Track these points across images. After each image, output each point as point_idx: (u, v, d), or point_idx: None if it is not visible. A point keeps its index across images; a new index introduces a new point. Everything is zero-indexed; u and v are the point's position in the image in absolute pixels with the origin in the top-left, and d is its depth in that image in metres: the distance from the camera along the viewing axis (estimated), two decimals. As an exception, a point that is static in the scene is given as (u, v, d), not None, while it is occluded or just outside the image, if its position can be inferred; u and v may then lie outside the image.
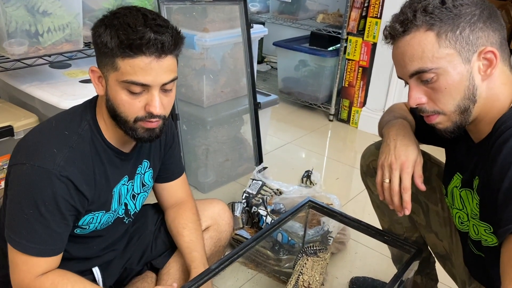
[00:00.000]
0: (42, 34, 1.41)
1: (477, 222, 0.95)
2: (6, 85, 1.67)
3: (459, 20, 0.83)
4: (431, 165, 1.19)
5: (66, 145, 0.97)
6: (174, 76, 0.97)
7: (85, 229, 1.08)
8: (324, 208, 1.37)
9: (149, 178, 1.20)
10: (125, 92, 0.93)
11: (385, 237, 1.25)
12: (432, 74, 0.86)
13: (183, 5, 1.93)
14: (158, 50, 0.90)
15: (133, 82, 0.92)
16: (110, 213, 1.11)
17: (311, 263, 1.33)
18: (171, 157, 1.27)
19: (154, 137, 1.01)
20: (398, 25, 0.87)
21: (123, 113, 0.96)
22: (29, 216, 0.94)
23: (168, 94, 0.98)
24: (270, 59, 3.89)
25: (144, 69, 0.91)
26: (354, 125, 2.92)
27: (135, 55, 0.89)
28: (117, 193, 1.11)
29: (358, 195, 2.13)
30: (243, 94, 2.16)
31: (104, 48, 0.92)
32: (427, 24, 0.84)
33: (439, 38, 0.84)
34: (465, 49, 0.84)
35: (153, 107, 0.94)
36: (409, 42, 0.86)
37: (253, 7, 3.30)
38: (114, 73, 0.93)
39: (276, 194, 1.85)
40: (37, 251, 0.96)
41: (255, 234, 1.25)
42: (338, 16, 3.02)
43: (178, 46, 0.96)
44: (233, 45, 2.12)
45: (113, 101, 0.96)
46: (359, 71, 2.81)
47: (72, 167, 0.96)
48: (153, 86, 0.93)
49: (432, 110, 0.90)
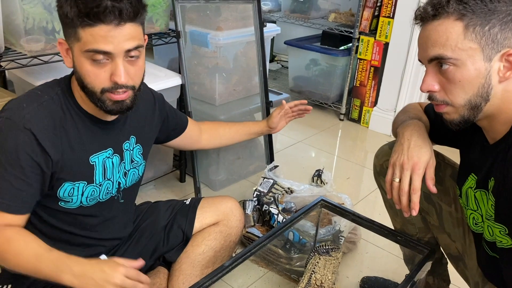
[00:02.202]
0: (58, 31, 1.43)
1: (492, 223, 0.94)
2: (21, 81, 1.69)
3: (492, 16, 0.82)
4: (445, 166, 1.19)
5: (36, 102, 0.99)
6: (138, 44, 0.96)
7: (69, 202, 1.07)
8: (337, 208, 1.37)
9: (138, 154, 1.20)
10: (89, 62, 0.94)
11: (398, 237, 1.25)
12: (450, 64, 0.85)
13: (197, 3, 1.94)
14: (116, 18, 0.91)
15: (94, 51, 0.92)
16: (94, 186, 1.09)
17: (323, 262, 1.34)
18: (170, 119, 1.34)
19: (125, 109, 1.01)
20: (430, 8, 0.86)
21: (89, 84, 0.97)
22: None
23: (135, 63, 0.98)
24: (280, 58, 3.89)
25: (104, 37, 0.91)
26: (365, 124, 2.91)
27: (94, 24, 0.90)
28: (100, 165, 1.09)
29: (368, 195, 2.12)
30: (255, 93, 2.17)
31: (66, 19, 0.93)
32: (458, 13, 0.83)
33: (466, 30, 0.83)
34: (489, 47, 0.83)
35: (117, 76, 0.95)
36: (436, 27, 0.86)
37: (265, 5, 3.30)
38: (77, 44, 0.94)
39: (287, 192, 1.85)
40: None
41: (267, 233, 1.26)
42: (350, 16, 3.01)
43: (139, 13, 0.95)
44: (246, 44, 2.13)
45: (80, 72, 0.97)
46: (370, 71, 2.80)
47: (37, 122, 0.97)
48: (115, 53, 0.93)
49: (441, 99, 0.89)
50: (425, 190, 1.18)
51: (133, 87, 1.00)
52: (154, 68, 1.91)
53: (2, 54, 1.38)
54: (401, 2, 2.54)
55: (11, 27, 1.38)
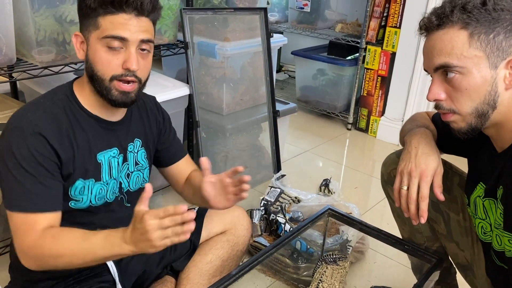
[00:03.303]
0: (69, 42, 1.45)
1: (501, 232, 0.94)
2: (32, 92, 1.72)
3: (496, 24, 0.83)
4: (453, 174, 1.18)
5: (40, 108, 1.04)
6: (151, 37, 1.05)
7: (79, 202, 1.09)
8: (344, 217, 1.36)
9: (143, 157, 1.22)
10: (105, 49, 1.01)
11: (405, 246, 1.24)
12: (456, 72, 0.85)
13: (205, 14, 1.97)
14: (137, 8, 1.00)
15: (112, 36, 0.99)
16: (102, 184, 1.11)
17: (330, 271, 1.33)
18: (169, 139, 1.30)
19: (129, 102, 1.06)
20: (435, 17, 0.87)
21: (100, 71, 1.02)
22: (17, 176, 0.98)
23: (145, 56, 1.05)
24: (287, 68, 3.91)
25: (123, 24, 1.00)
26: (373, 134, 2.90)
27: (116, 12, 0.99)
28: (106, 163, 1.12)
29: (376, 204, 2.11)
30: (262, 102, 2.18)
31: (88, 10, 1.01)
32: (462, 22, 0.84)
33: (471, 38, 0.83)
34: (495, 55, 0.83)
35: (129, 63, 1.01)
36: (441, 36, 0.86)
37: (272, 16, 3.33)
38: (95, 32, 1.01)
39: (294, 202, 1.85)
40: (32, 206, 0.98)
41: (274, 242, 1.26)
42: (357, 26, 3.03)
43: (156, 10, 1.05)
44: (253, 54, 2.14)
45: (92, 60, 1.03)
46: (377, 80, 2.81)
47: (44, 125, 1.01)
48: (131, 41, 1.01)
49: (448, 108, 0.90)
50: (432, 198, 1.17)
51: (140, 80, 1.05)
52: (163, 79, 1.93)
53: (14, 65, 1.41)
54: (408, 12, 2.55)
55: (23, 38, 1.41)
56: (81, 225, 1.11)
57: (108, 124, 1.12)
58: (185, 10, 1.83)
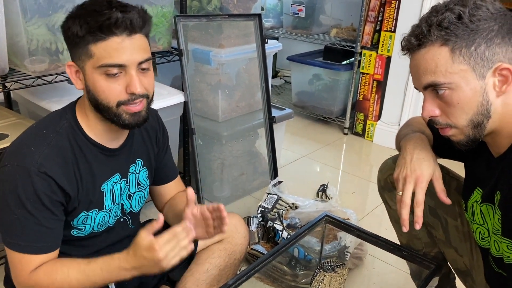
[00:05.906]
0: (62, 51, 1.44)
1: (499, 238, 0.93)
2: (26, 101, 1.71)
3: (475, 35, 0.83)
4: (450, 179, 1.18)
5: (44, 143, 0.98)
6: (148, 56, 0.99)
7: (82, 230, 1.08)
8: (341, 223, 1.36)
9: (144, 177, 1.20)
10: (103, 77, 0.95)
11: (404, 252, 1.23)
12: (445, 88, 0.86)
13: (199, 21, 1.96)
14: (128, 28, 0.93)
15: (109, 65, 0.93)
16: (104, 212, 1.10)
17: (328, 278, 1.32)
18: (165, 159, 1.27)
19: (141, 121, 1.02)
20: (414, 38, 0.88)
21: (104, 100, 0.97)
22: (18, 215, 0.95)
23: (146, 74, 1.00)
24: (283, 73, 3.91)
25: (117, 49, 0.93)
26: (369, 138, 2.90)
27: (106, 37, 0.92)
28: (109, 191, 1.10)
29: (374, 209, 2.11)
30: (258, 109, 2.17)
31: (76, 39, 0.94)
32: (441, 39, 0.84)
33: (453, 54, 0.84)
34: (480, 65, 0.84)
35: (133, 87, 0.96)
36: (423, 56, 0.87)
37: (267, 22, 3.33)
38: (89, 61, 0.94)
39: (291, 208, 1.84)
40: (30, 249, 0.97)
41: (272, 249, 1.25)
42: (352, 30, 3.03)
43: (146, 23, 0.98)
44: (248, 60, 2.14)
45: (93, 90, 0.97)
46: (373, 85, 2.81)
47: (50, 164, 0.97)
48: (129, 65, 0.95)
49: (444, 123, 0.90)
50: (430, 204, 1.17)
51: (147, 96, 1.01)
52: (158, 86, 1.92)
53: (6, 75, 1.40)
54: (402, 16, 2.55)
55: (15, 48, 1.40)
56: (81, 248, 1.12)
57: (111, 152, 1.09)
58: (179, 18, 1.82)
